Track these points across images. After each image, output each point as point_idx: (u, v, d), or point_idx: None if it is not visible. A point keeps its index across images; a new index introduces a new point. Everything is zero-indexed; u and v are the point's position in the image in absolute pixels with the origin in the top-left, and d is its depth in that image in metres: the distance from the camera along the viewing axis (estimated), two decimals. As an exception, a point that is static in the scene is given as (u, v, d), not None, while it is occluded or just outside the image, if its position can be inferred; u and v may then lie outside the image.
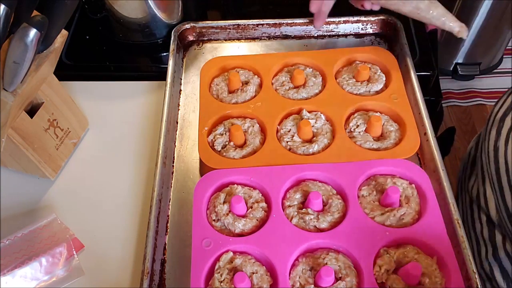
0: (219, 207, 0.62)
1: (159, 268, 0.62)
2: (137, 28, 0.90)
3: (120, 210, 0.69)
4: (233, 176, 0.66)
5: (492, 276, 0.69)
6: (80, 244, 0.65)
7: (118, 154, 0.75)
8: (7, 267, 0.60)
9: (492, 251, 0.69)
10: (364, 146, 0.69)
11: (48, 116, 0.68)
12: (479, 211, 0.72)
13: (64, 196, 0.71)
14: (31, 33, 0.51)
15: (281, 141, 0.71)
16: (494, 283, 0.69)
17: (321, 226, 0.61)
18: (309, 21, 0.86)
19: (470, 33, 1.76)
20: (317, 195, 0.61)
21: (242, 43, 0.89)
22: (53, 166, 0.71)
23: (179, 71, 0.83)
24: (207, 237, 0.60)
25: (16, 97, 0.57)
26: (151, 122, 0.79)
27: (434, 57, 0.89)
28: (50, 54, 0.61)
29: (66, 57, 0.89)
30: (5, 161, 0.70)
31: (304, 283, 0.57)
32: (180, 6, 0.91)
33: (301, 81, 0.77)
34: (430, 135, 0.70)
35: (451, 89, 1.93)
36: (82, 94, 0.82)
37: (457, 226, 0.61)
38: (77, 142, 0.76)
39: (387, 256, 0.58)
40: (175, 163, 0.73)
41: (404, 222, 0.62)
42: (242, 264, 0.58)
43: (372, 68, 0.78)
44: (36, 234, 0.65)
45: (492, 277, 0.69)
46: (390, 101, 0.74)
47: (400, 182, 0.65)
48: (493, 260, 0.69)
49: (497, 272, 0.68)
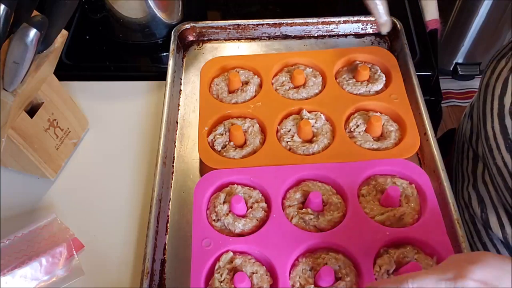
0: (219, 207, 0.62)
1: (159, 268, 0.62)
2: (137, 28, 0.90)
3: (120, 210, 0.69)
4: (233, 176, 0.66)
5: (470, 204, 0.75)
6: (80, 244, 0.65)
7: (118, 154, 0.75)
8: (7, 267, 0.60)
9: (472, 182, 0.75)
10: (364, 146, 0.69)
11: (48, 116, 0.69)
12: (469, 149, 0.78)
13: (64, 196, 0.71)
14: (31, 33, 0.51)
15: (281, 141, 0.71)
16: (471, 209, 0.74)
17: (321, 226, 0.61)
18: (309, 21, 0.86)
19: (470, 33, 1.76)
20: (317, 195, 0.61)
21: (242, 43, 0.89)
22: (53, 166, 0.71)
23: (179, 71, 0.83)
24: (207, 237, 0.60)
25: (16, 97, 0.57)
26: (151, 122, 0.79)
27: (434, 57, 0.89)
28: (50, 54, 0.61)
29: (66, 57, 0.89)
30: (5, 161, 0.70)
31: (304, 283, 0.57)
32: (180, 6, 0.91)
33: (301, 81, 0.77)
34: (430, 135, 0.70)
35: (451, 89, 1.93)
36: (82, 94, 0.82)
37: (457, 226, 0.61)
38: (77, 142, 0.76)
39: (387, 256, 0.58)
40: (175, 163, 0.73)
41: (404, 222, 0.62)
42: (242, 264, 0.58)
43: (372, 68, 0.78)
44: (36, 234, 0.65)
45: (469, 204, 0.75)
46: (390, 101, 0.74)
47: (400, 182, 0.65)
48: (472, 190, 0.74)
49: (474, 201, 0.73)
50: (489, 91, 0.67)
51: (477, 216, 0.73)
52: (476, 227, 0.75)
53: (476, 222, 0.75)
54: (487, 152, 0.67)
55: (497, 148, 0.64)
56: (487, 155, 0.67)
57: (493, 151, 0.65)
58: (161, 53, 0.91)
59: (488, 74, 0.70)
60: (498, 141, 0.64)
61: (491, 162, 0.66)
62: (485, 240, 0.73)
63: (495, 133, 0.65)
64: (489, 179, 0.71)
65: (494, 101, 0.65)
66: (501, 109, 0.64)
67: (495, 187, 0.68)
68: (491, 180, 0.70)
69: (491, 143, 0.66)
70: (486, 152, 0.67)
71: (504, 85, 0.64)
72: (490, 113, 0.66)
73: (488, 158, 0.67)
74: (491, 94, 0.67)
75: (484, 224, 0.72)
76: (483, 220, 0.72)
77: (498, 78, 0.66)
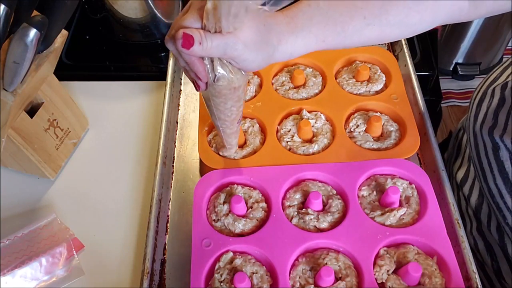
0: (219, 207, 0.62)
1: (159, 268, 0.62)
2: (137, 28, 0.90)
3: (120, 210, 0.69)
4: (233, 176, 0.66)
5: (477, 250, 0.71)
6: (80, 244, 0.65)
7: (118, 154, 0.75)
8: (7, 267, 0.60)
9: (476, 225, 0.71)
10: (364, 146, 0.69)
11: (48, 116, 0.68)
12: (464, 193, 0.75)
13: (64, 196, 0.71)
14: (31, 33, 0.51)
15: (281, 141, 0.71)
16: (479, 256, 0.71)
17: (321, 226, 0.61)
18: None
19: (470, 33, 1.76)
20: (317, 195, 0.61)
21: (242, 43, 0.88)
22: (53, 166, 0.71)
23: (179, 71, 0.83)
24: (207, 237, 0.60)
25: (16, 97, 0.57)
26: (151, 122, 0.79)
27: (434, 57, 0.89)
28: (50, 54, 0.61)
29: (66, 57, 0.89)
30: (5, 161, 0.70)
31: (304, 283, 0.57)
32: (180, 6, 0.91)
33: (301, 81, 0.77)
34: (430, 135, 0.70)
35: (451, 89, 1.93)
36: (82, 94, 0.82)
37: (457, 226, 0.61)
38: (77, 142, 0.76)
39: (387, 256, 0.58)
40: (175, 163, 0.73)
41: (404, 222, 0.62)
42: (242, 264, 0.58)
43: (372, 68, 0.78)
44: (36, 234, 0.65)
45: (476, 250, 0.71)
46: (390, 101, 0.74)
47: (400, 182, 0.65)
48: (477, 234, 0.71)
49: (481, 246, 0.70)
50: (479, 140, 0.65)
51: (487, 265, 0.70)
52: (487, 275, 0.71)
53: (486, 270, 0.71)
54: (490, 200, 0.64)
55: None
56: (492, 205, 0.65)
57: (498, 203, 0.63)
58: (161, 53, 0.91)
59: (472, 120, 0.67)
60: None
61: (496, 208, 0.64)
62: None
63: (500, 190, 0.63)
64: (496, 226, 0.67)
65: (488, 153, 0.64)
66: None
67: (506, 233, 0.65)
68: (499, 227, 0.66)
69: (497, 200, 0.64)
70: (488, 199, 0.65)
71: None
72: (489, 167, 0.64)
73: (495, 210, 0.64)
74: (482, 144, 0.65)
75: (496, 274, 0.69)
76: (494, 269, 0.69)
77: (482, 126, 0.64)
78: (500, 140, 0.61)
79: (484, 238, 0.70)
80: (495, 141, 0.62)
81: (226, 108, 0.54)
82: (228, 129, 0.60)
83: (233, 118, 0.57)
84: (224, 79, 0.49)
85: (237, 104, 0.55)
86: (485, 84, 0.68)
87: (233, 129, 0.60)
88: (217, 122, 0.58)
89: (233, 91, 0.52)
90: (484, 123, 0.64)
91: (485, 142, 0.64)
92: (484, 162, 0.64)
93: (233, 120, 0.58)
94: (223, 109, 0.55)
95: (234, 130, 0.61)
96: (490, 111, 0.63)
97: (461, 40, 1.80)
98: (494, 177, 0.62)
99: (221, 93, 0.51)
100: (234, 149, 0.67)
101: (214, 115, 0.57)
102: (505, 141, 0.61)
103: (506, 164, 0.61)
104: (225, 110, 0.55)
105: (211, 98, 0.53)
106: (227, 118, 0.57)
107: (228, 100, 0.53)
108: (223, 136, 0.62)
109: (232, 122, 0.58)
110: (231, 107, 0.55)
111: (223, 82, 0.50)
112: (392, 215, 0.61)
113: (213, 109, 0.55)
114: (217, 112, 0.56)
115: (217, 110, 0.55)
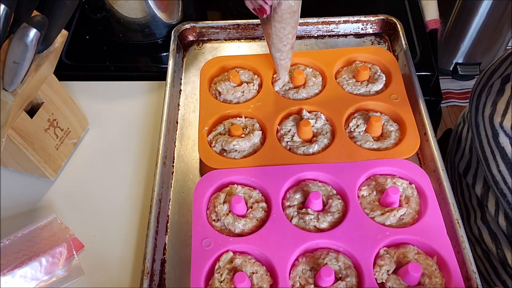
0: (219, 207, 0.62)
1: (159, 268, 0.62)
2: (137, 28, 0.90)
3: (120, 210, 0.69)
4: (233, 176, 0.66)
5: (481, 239, 0.72)
6: (80, 244, 0.65)
7: (118, 154, 0.75)
8: (7, 267, 0.60)
9: (480, 215, 0.72)
10: (364, 146, 0.69)
11: (48, 116, 0.69)
12: (467, 182, 0.76)
13: (64, 196, 0.71)
14: (31, 33, 0.51)
15: (281, 141, 0.71)
16: (484, 245, 0.72)
17: (321, 226, 0.61)
18: (309, 21, 0.86)
19: (470, 33, 1.76)
20: (317, 195, 0.61)
21: (242, 43, 0.89)
22: (53, 166, 0.71)
23: (179, 71, 0.83)
24: (207, 237, 0.60)
25: (16, 97, 0.57)
26: (151, 122, 0.79)
27: (434, 57, 0.89)
28: (50, 54, 0.61)
29: (66, 57, 0.89)
30: (5, 161, 0.70)
31: (304, 283, 0.57)
32: (180, 6, 0.91)
33: (301, 81, 0.77)
34: (430, 135, 0.70)
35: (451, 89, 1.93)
36: (82, 94, 0.82)
37: (457, 226, 0.61)
38: (77, 142, 0.76)
39: (387, 256, 0.58)
40: (175, 163, 0.73)
41: (404, 222, 0.62)
42: (242, 264, 0.58)
43: (372, 68, 0.78)
44: (36, 234, 0.65)
45: (481, 240, 0.72)
46: (390, 101, 0.74)
47: (400, 182, 0.65)
48: (482, 224, 0.72)
49: (485, 235, 0.71)
50: (481, 130, 0.67)
51: (492, 253, 0.70)
52: (492, 263, 0.71)
53: (491, 259, 0.71)
54: (495, 188, 0.65)
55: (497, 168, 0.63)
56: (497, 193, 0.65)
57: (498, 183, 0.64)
58: (161, 53, 0.91)
59: (474, 111, 0.69)
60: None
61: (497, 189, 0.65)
62: (504, 277, 0.70)
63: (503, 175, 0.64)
64: (504, 215, 0.67)
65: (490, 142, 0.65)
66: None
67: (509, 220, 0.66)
68: (505, 214, 0.67)
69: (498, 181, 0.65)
70: (493, 187, 0.66)
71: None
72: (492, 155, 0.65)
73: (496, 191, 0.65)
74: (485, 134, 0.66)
75: (502, 262, 0.69)
76: (499, 258, 0.69)
77: (484, 116, 0.66)
78: (500, 126, 0.62)
79: (489, 227, 0.70)
80: (495, 128, 0.63)
81: (285, 34, 0.64)
82: (283, 60, 0.70)
83: (288, 48, 0.67)
84: (285, 3, 0.59)
85: (293, 31, 0.64)
86: (484, 76, 0.70)
87: (286, 59, 0.70)
88: (275, 54, 0.68)
89: (292, 15, 0.61)
90: (484, 111, 0.65)
91: (486, 131, 0.65)
92: (487, 150, 0.65)
93: (288, 51, 0.68)
94: (282, 35, 0.64)
95: (288, 59, 0.71)
96: (489, 100, 0.65)
97: (461, 40, 1.80)
98: (497, 163, 0.64)
99: (282, 17, 0.61)
100: (286, 79, 0.76)
101: (273, 45, 0.66)
102: (504, 127, 0.62)
103: (507, 149, 0.62)
104: (283, 37, 0.64)
105: (273, 24, 0.62)
106: (283, 48, 0.67)
107: (287, 25, 0.62)
108: (278, 68, 0.72)
109: (288, 52, 0.68)
110: (288, 34, 0.64)
111: (284, 6, 0.59)
112: (392, 215, 0.61)
113: (273, 38, 0.65)
114: (276, 41, 0.65)
115: (276, 38, 0.64)
